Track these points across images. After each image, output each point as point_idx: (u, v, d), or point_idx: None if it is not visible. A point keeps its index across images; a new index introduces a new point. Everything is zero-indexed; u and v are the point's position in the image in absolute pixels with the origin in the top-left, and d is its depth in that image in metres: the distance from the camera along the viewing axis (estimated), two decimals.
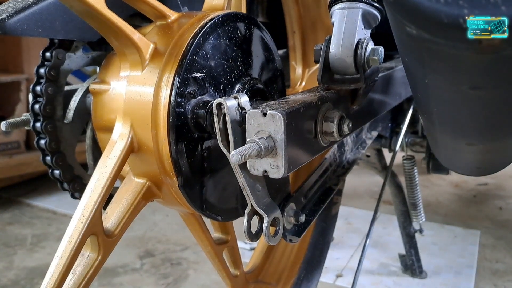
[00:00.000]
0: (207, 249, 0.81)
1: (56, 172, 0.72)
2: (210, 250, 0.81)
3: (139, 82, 0.62)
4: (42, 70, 0.69)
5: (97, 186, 0.60)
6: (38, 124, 0.69)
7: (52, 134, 0.70)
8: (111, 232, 0.62)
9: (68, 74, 0.72)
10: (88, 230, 0.58)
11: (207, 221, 0.79)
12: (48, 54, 0.70)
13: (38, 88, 0.69)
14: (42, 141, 0.70)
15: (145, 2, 0.64)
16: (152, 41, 0.63)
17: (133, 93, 0.62)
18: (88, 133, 0.74)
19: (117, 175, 0.61)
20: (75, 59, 0.73)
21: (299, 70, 1.12)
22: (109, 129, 0.64)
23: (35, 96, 0.69)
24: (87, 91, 0.73)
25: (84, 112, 0.74)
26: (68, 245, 0.57)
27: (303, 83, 1.12)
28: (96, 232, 0.59)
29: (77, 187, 0.74)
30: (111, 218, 0.62)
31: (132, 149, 0.63)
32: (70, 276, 0.58)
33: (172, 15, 0.67)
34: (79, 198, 0.72)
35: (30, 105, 0.70)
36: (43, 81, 0.69)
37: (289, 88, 1.10)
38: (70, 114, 0.73)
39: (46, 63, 0.70)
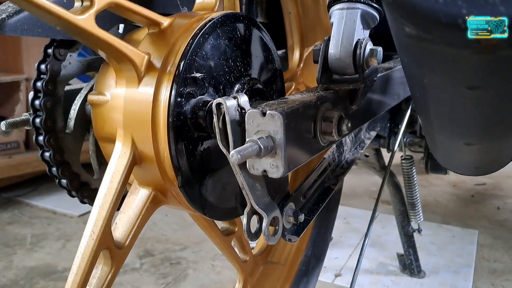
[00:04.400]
0: (216, 241, 0.85)
1: (64, 181, 0.72)
2: (219, 242, 0.85)
3: (137, 96, 0.62)
4: (39, 84, 0.69)
5: (104, 202, 0.61)
6: (41, 138, 0.70)
7: (55, 146, 0.70)
8: (121, 244, 0.63)
9: (65, 84, 0.72)
10: (99, 246, 0.59)
11: None
12: (43, 66, 0.69)
13: (37, 102, 0.69)
14: (47, 154, 0.70)
15: (135, 12, 0.62)
16: (146, 51, 0.62)
17: (131, 107, 0.62)
18: (91, 139, 0.74)
19: (123, 189, 0.62)
20: (70, 68, 0.72)
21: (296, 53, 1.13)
22: (111, 140, 0.65)
23: (34, 110, 0.69)
24: (85, 100, 0.73)
25: (84, 119, 0.74)
26: (81, 262, 0.58)
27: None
28: (108, 247, 0.60)
29: (85, 194, 0.74)
30: (120, 230, 0.63)
31: (135, 162, 0.63)
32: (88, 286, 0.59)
33: (164, 21, 0.65)
34: (88, 203, 0.73)
35: (31, 119, 0.70)
36: (41, 95, 0.69)
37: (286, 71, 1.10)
38: (71, 123, 0.72)
39: (42, 76, 0.69)
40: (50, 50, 0.69)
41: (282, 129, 0.54)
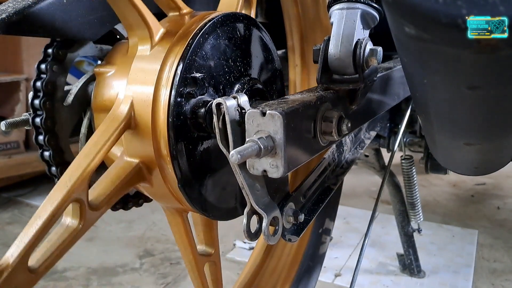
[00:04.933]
0: (188, 257, 0.76)
1: (46, 153, 0.71)
2: (191, 259, 0.76)
3: (145, 61, 0.64)
4: (50, 50, 0.70)
5: (90, 152, 0.59)
6: (37, 101, 0.70)
7: (49, 111, 0.70)
8: (95, 205, 0.60)
9: (75, 58, 0.73)
10: (72, 195, 0.56)
11: (192, 230, 0.76)
12: None
13: (43, 66, 0.70)
14: (38, 120, 0.70)
15: None
16: (164, 26, 0.66)
17: (138, 71, 0.64)
18: (85, 121, 0.74)
19: (112, 145, 0.61)
20: (84, 46, 0.74)
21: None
22: (108, 109, 0.65)
23: (39, 73, 0.70)
24: (89, 80, 0.74)
25: (84, 99, 0.74)
26: (49, 207, 0.55)
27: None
28: (80, 200, 0.57)
29: (64, 172, 0.73)
30: (97, 192, 0.61)
31: (129, 125, 0.63)
32: (45, 241, 0.56)
33: (185, 8, 0.70)
34: None
35: (32, 81, 0.71)
36: (49, 59, 0.70)
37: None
38: (70, 98, 0.73)
39: (54, 43, 0.70)
40: None
41: (282, 129, 0.54)
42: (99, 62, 0.75)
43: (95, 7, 0.69)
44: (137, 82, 0.63)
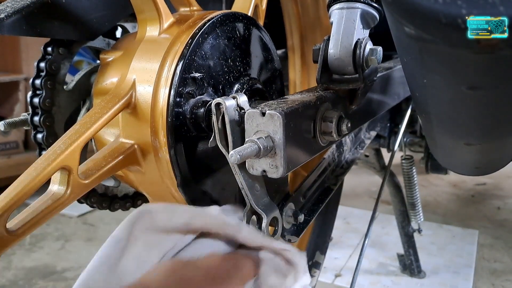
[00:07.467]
0: None
1: (39, 136, 0.71)
2: None
3: (152, 43, 0.65)
4: None
5: (86, 123, 0.58)
6: (38, 81, 0.70)
7: (49, 92, 0.70)
8: (83, 176, 0.59)
9: (82, 45, 0.74)
10: (61, 161, 0.55)
11: None
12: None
13: (49, 48, 0.70)
14: (36, 99, 0.70)
15: None
16: (174, 17, 0.68)
17: (144, 53, 0.64)
18: (83, 111, 0.75)
19: (109, 120, 0.60)
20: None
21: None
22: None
23: (45, 54, 0.71)
24: (93, 70, 0.75)
25: (84, 88, 0.75)
26: (38, 167, 0.54)
27: None
28: (69, 167, 0.56)
29: None
30: (88, 166, 0.60)
31: (128, 104, 0.62)
32: (28, 206, 0.56)
33: (195, 6, 0.72)
34: None
35: (36, 62, 0.71)
36: (58, 43, 0.71)
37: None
38: (72, 84, 0.74)
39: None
40: None
41: (282, 129, 0.54)
42: (98, 61, 0.75)
43: (93, 7, 0.70)
44: (142, 61, 0.64)
